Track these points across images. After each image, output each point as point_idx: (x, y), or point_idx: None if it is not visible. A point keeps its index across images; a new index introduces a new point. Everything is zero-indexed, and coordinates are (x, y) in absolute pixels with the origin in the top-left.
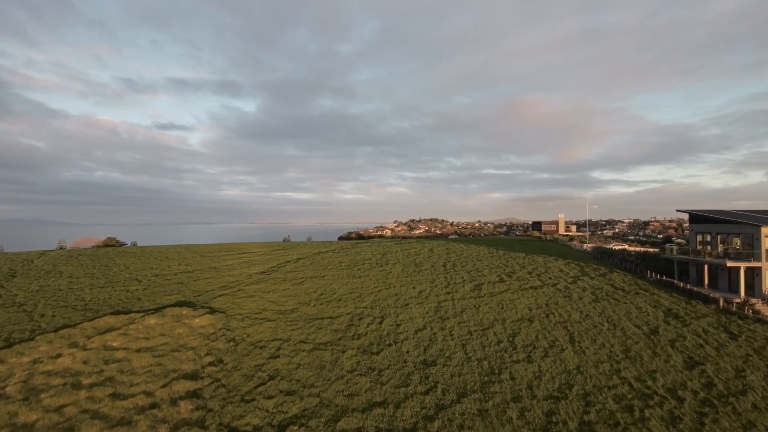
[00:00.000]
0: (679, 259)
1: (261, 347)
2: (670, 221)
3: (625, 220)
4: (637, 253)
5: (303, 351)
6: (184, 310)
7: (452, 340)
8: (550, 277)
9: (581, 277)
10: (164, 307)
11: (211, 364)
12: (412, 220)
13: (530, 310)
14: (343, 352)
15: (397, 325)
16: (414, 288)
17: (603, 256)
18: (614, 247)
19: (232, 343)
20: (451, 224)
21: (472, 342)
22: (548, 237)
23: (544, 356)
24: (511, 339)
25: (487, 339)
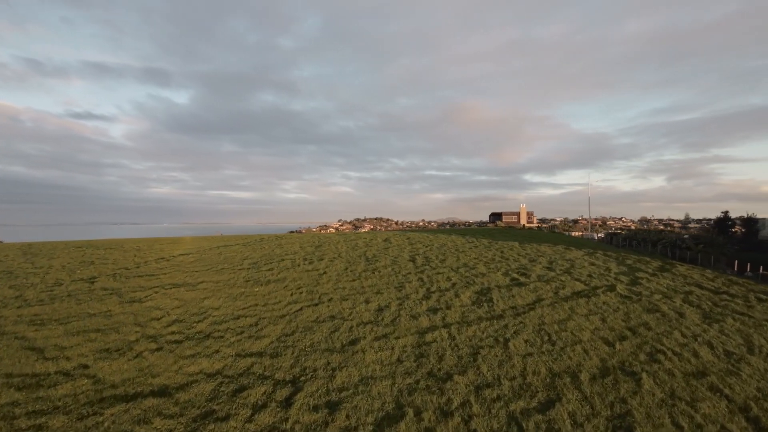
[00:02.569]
0: None
1: None
2: (595, 219)
3: (557, 219)
4: (690, 237)
5: None
6: None
7: None
8: (589, 276)
9: (637, 275)
10: None
11: None
12: (358, 219)
13: (610, 345)
14: None
15: (332, 408)
16: (368, 302)
17: (630, 243)
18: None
19: None
20: (396, 223)
21: None
22: (524, 226)
23: None
24: None
25: None
